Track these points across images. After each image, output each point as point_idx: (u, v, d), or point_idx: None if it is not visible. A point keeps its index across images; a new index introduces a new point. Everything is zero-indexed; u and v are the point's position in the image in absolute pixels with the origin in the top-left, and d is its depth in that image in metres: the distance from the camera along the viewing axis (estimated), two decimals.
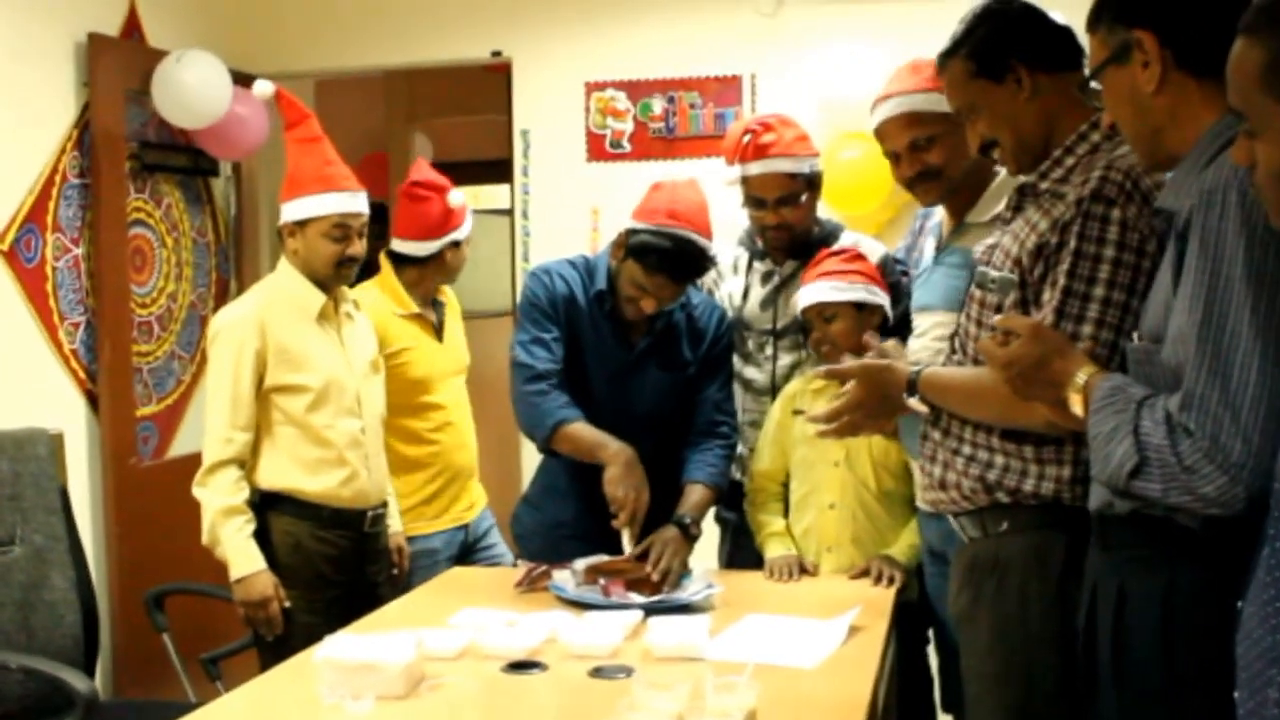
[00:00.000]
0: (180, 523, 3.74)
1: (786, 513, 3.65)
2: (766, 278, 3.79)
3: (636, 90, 5.52)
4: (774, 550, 3.56)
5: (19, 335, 4.41)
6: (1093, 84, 2.25)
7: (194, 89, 4.92)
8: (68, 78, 4.70)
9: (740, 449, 3.74)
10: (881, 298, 3.48)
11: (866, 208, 5.08)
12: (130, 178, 5.01)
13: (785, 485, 3.66)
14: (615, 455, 3.35)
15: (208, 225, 5.56)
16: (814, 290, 3.48)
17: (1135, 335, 2.19)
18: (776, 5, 5.34)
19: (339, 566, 3.67)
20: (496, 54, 5.67)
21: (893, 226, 5.10)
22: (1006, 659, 2.52)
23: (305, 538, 3.61)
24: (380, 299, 4.08)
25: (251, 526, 3.54)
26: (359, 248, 3.66)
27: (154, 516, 4.78)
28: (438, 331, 4.18)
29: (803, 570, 3.50)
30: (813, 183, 3.69)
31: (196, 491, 3.56)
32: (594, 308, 3.56)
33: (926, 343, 3.18)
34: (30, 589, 3.69)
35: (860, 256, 3.53)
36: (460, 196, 4.19)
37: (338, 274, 3.66)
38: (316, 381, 3.61)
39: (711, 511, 3.69)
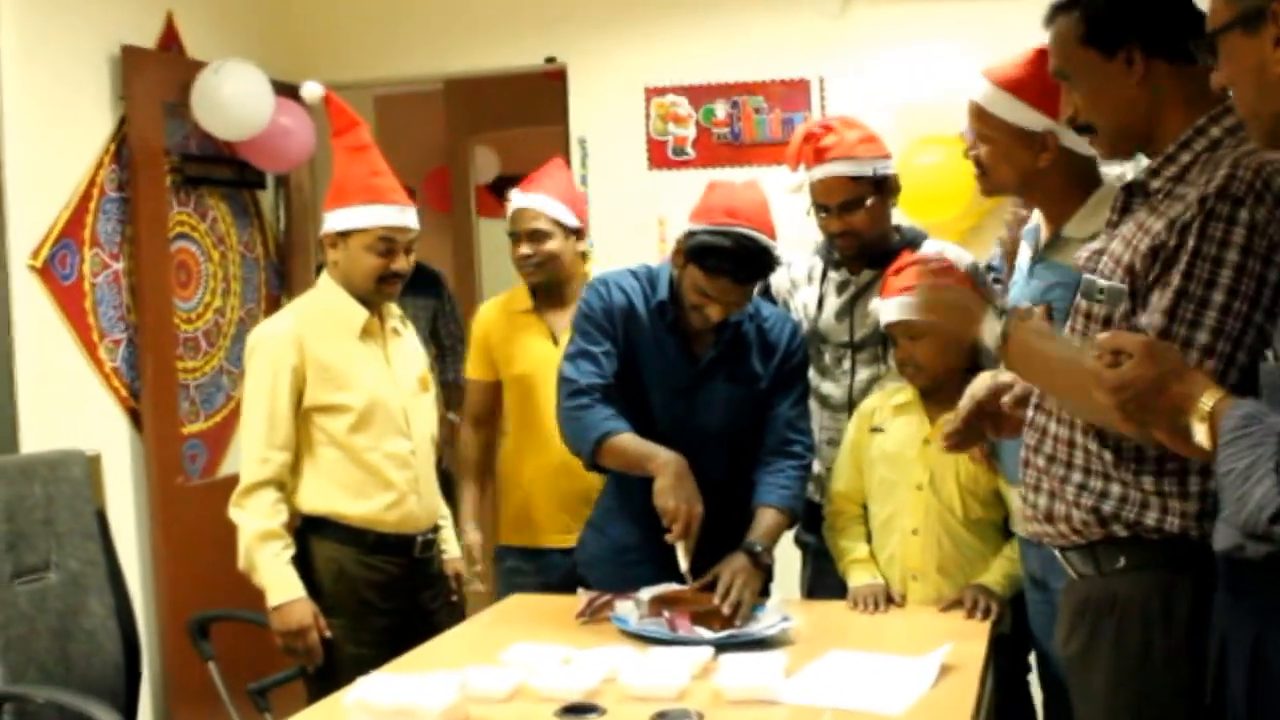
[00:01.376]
0: (228, 545, 3.58)
1: (870, 536, 3.48)
2: (842, 287, 3.65)
3: (698, 95, 5.38)
4: (858, 579, 3.39)
5: (56, 353, 4.32)
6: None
7: (234, 100, 4.84)
8: (103, 91, 4.63)
9: (817, 468, 3.57)
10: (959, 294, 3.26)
11: (945, 215, 4.90)
12: (172, 191, 4.93)
13: (865, 507, 3.50)
14: (664, 465, 3.17)
15: (256, 239, 5.48)
16: (893, 306, 3.32)
17: (1270, 354, 1.96)
18: (843, 5, 5.19)
19: (387, 594, 3.53)
20: (550, 60, 5.56)
21: (975, 235, 4.93)
22: (1125, 711, 2.30)
23: (349, 564, 3.48)
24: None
25: (290, 552, 3.42)
26: (404, 264, 3.54)
27: (201, 538, 4.66)
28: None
29: (889, 600, 3.33)
30: (881, 186, 3.54)
31: (233, 513, 3.45)
32: (655, 319, 3.40)
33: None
34: (67, 617, 3.56)
35: (948, 268, 3.32)
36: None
37: (379, 289, 3.54)
38: (359, 401, 3.48)
39: (790, 534, 3.55)
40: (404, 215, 3.52)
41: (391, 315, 3.64)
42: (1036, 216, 3.10)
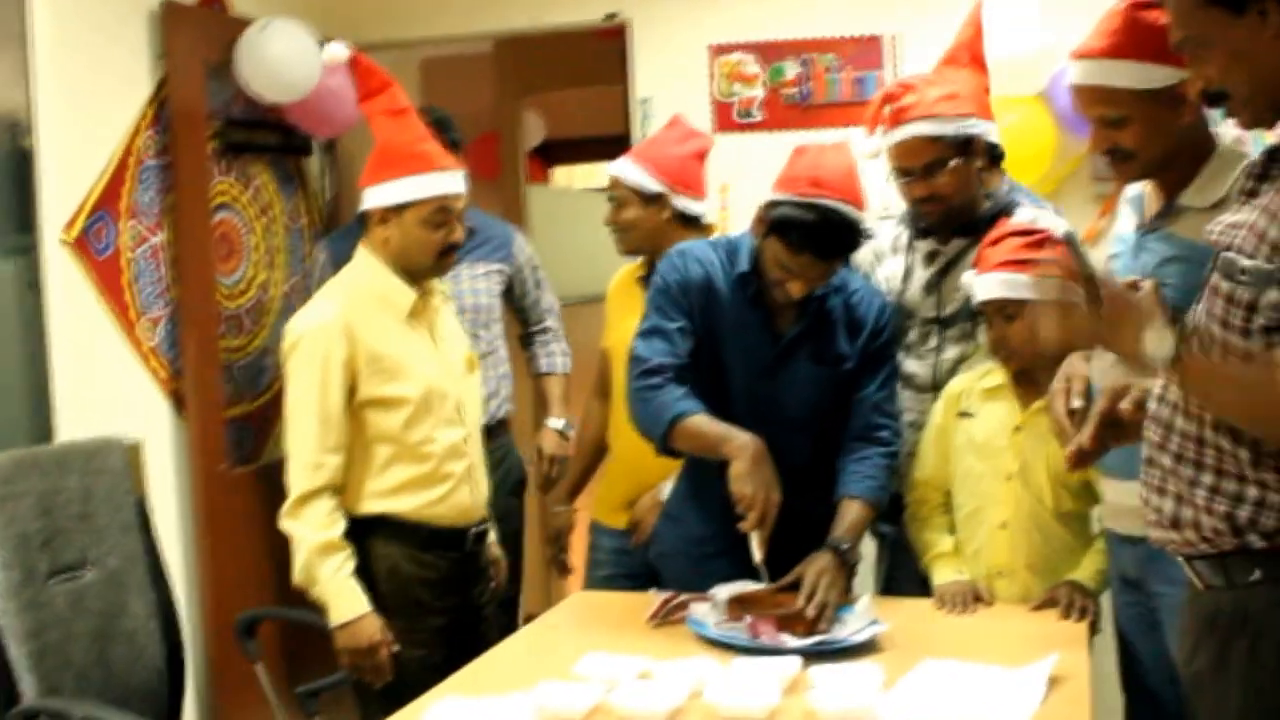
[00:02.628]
0: (275, 536, 3.47)
1: (953, 528, 3.35)
2: (930, 258, 3.51)
3: (767, 53, 5.20)
4: (943, 575, 3.28)
5: (92, 333, 4.21)
6: None
7: (281, 60, 4.69)
8: (140, 51, 4.48)
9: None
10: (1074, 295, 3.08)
11: (1027, 180, 4.68)
12: (214, 158, 4.80)
13: (949, 495, 3.38)
14: (741, 449, 3.04)
15: (301, 208, 5.35)
16: (989, 283, 3.18)
17: None
18: None
19: (440, 592, 3.42)
20: (611, 17, 5.40)
21: (1057, 199, 4.71)
22: None
23: (402, 563, 3.35)
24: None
25: (352, 563, 3.27)
26: (460, 233, 3.39)
27: (247, 529, 4.59)
28: None
29: (977, 598, 3.21)
30: (966, 147, 3.39)
31: (286, 525, 3.29)
32: (736, 293, 3.27)
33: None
34: (107, 618, 3.48)
35: (1048, 240, 3.15)
36: None
37: (439, 265, 3.39)
38: (415, 391, 3.33)
39: None
40: (457, 181, 3.38)
41: (435, 291, 3.49)
42: (1140, 182, 2.93)
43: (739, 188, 5.02)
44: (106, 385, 4.24)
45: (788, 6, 5.15)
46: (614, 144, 5.68)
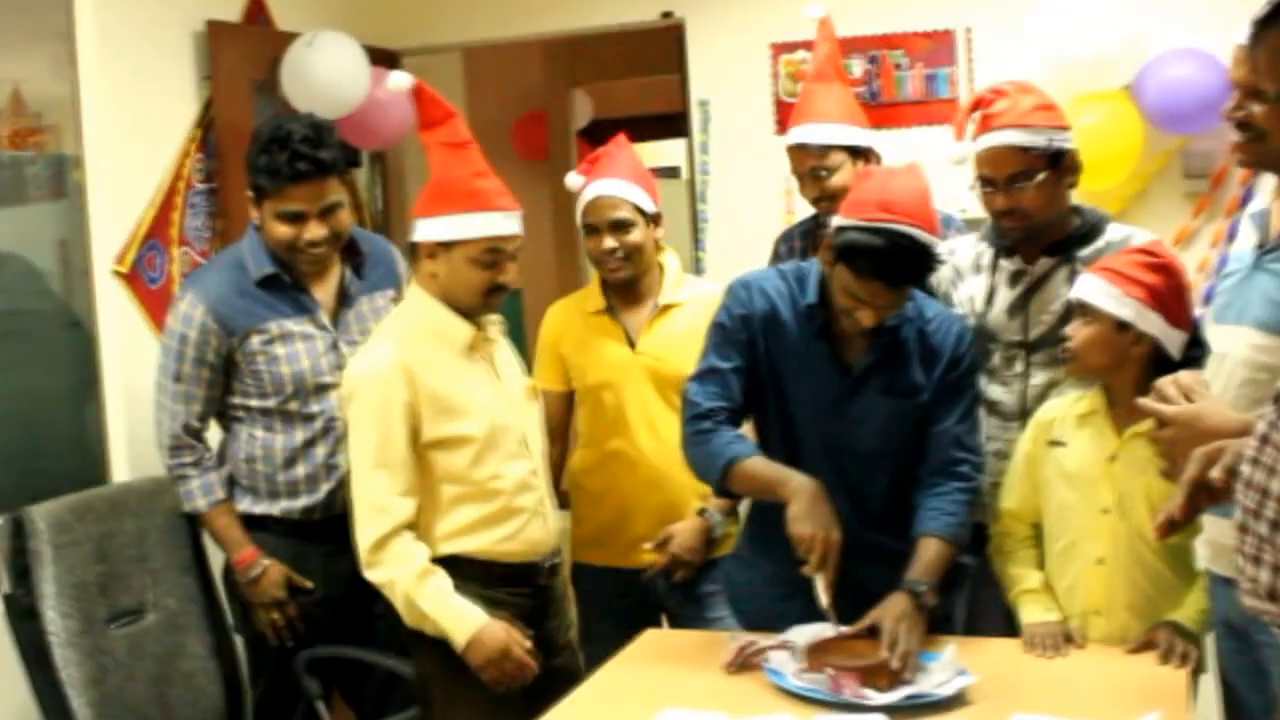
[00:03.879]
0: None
1: (1040, 561, 3.29)
2: (1015, 278, 3.44)
3: None
4: (1032, 614, 3.20)
5: (145, 367, 4.17)
6: None
7: (328, 74, 4.70)
8: (186, 74, 4.52)
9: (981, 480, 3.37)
10: (1156, 328, 3.06)
11: (1109, 182, 4.70)
12: None
13: (1036, 528, 3.31)
14: (796, 491, 3.04)
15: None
16: (1086, 282, 3.12)
17: None
18: None
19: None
20: (667, 15, 5.38)
21: (1140, 201, 4.77)
22: None
23: (475, 600, 3.30)
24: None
25: (450, 581, 3.26)
26: (511, 274, 3.36)
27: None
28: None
29: (1067, 639, 3.13)
30: (1056, 161, 3.33)
31: (371, 576, 3.28)
32: (803, 325, 3.22)
33: (1231, 369, 2.71)
34: (165, 661, 3.53)
35: (1165, 269, 3.10)
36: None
37: (485, 304, 3.37)
38: (479, 428, 3.32)
39: None
40: (510, 222, 3.34)
41: (490, 323, 3.47)
42: (1264, 198, 2.86)
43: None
44: None
45: (850, 2, 5.04)
46: (664, 122, 5.68)
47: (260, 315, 3.63)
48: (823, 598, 2.97)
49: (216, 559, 3.77)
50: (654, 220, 3.83)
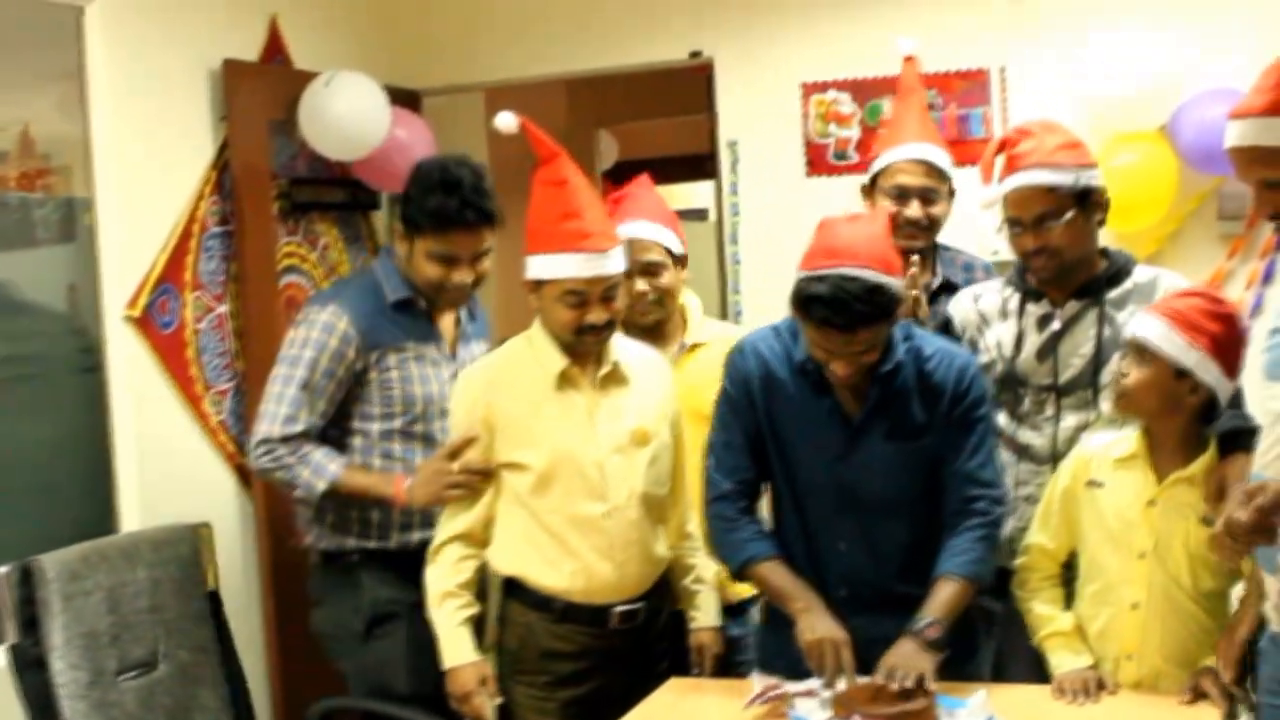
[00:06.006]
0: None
1: (1066, 601, 3.32)
2: (1043, 322, 3.48)
3: (862, 90, 5.22)
4: (1062, 659, 3.22)
5: (157, 413, 4.31)
6: None
7: (348, 115, 4.78)
8: (202, 114, 4.59)
9: (1010, 528, 3.41)
10: (1214, 378, 3.09)
11: (1144, 223, 4.73)
12: (280, 219, 4.90)
13: (1063, 565, 3.34)
14: (804, 609, 3.20)
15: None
16: (1148, 324, 3.12)
17: None
18: None
19: (578, 666, 3.51)
20: (695, 54, 5.44)
21: (1175, 241, 4.79)
22: None
23: (538, 630, 3.52)
24: None
25: (467, 611, 3.51)
26: (600, 314, 3.43)
27: None
28: None
29: (1099, 686, 3.15)
30: (1084, 200, 3.38)
31: (426, 571, 3.55)
32: (799, 381, 3.29)
33: None
34: (177, 714, 3.56)
35: (1228, 319, 3.12)
36: None
37: (579, 341, 3.47)
38: (540, 460, 3.46)
39: None
40: (594, 263, 3.40)
41: (609, 362, 3.54)
42: None
43: None
44: (173, 466, 4.32)
45: (883, 40, 5.05)
46: (691, 164, 5.70)
47: (398, 335, 3.81)
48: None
49: (233, 606, 3.83)
50: (681, 262, 3.90)
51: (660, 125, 7.65)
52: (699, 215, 8.05)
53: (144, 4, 4.33)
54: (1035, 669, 3.29)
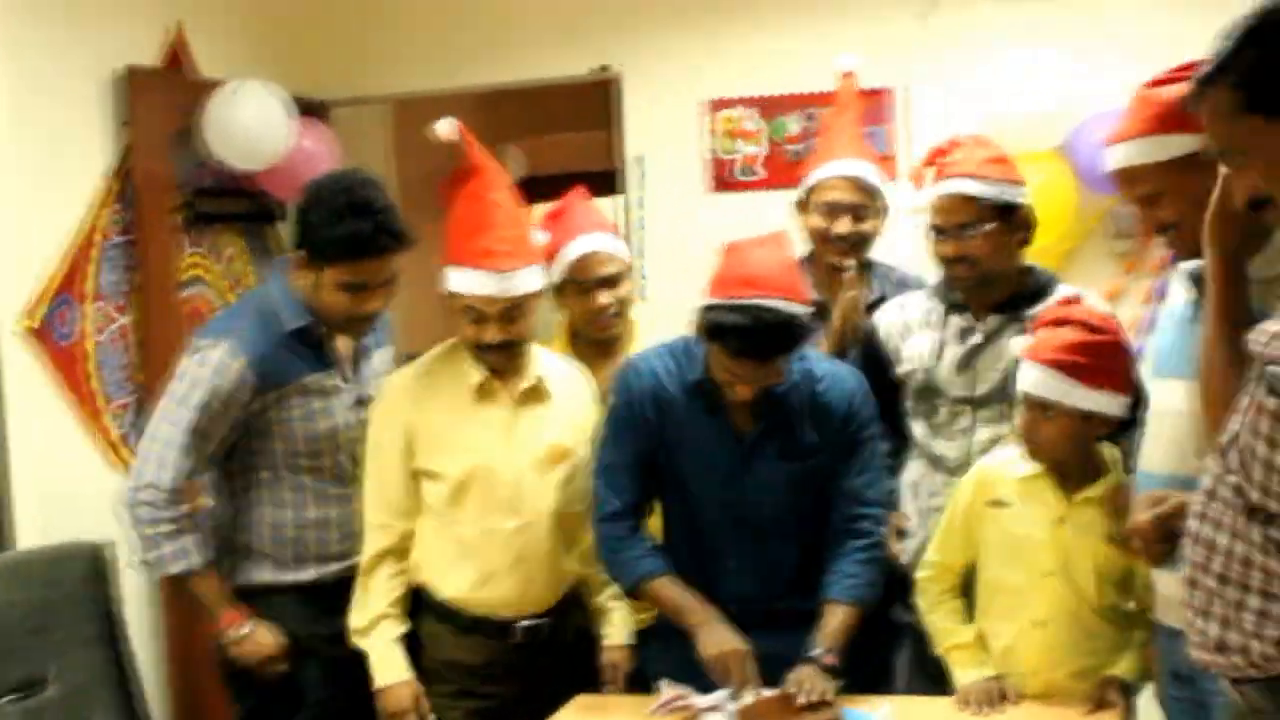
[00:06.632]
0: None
1: (967, 613, 3.32)
2: (964, 334, 3.50)
3: (768, 108, 5.20)
4: (967, 671, 3.21)
5: (53, 428, 4.22)
6: None
7: (253, 124, 4.70)
8: (102, 120, 4.49)
9: (924, 536, 3.43)
10: (1120, 405, 3.08)
11: (1043, 241, 4.63)
12: (183, 230, 4.81)
13: (962, 577, 3.33)
14: (700, 623, 3.22)
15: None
16: (1039, 377, 3.07)
17: None
18: (931, 5, 4.99)
19: (483, 678, 3.49)
20: (602, 69, 5.40)
21: (1074, 259, 4.83)
22: None
23: (446, 641, 3.49)
24: None
25: (398, 629, 3.45)
26: (495, 333, 3.39)
27: None
28: None
29: (1003, 696, 3.15)
30: (1007, 214, 3.42)
31: (355, 591, 3.49)
32: (692, 400, 3.30)
33: (1174, 422, 2.76)
34: None
35: (1116, 347, 3.11)
36: None
37: (479, 358, 3.45)
38: (456, 470, 3.42)
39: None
40: (493, 283, 3.36)
41: (529, 377, 3.50)
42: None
43: None
44: (72, 482, 4.21)
45: (789, 59, 5.13)
46: (596, 179, 5.64)
47: (296, 368, 3.50)
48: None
49: (134, 628, 3.72)
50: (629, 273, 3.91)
51: (568, 140, 7.61)
52: None
53: (42, 9, 4.22)
54: (936, 677, 3.29)
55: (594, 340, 3.82)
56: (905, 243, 3.68)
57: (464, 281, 3.36)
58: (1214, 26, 2.29)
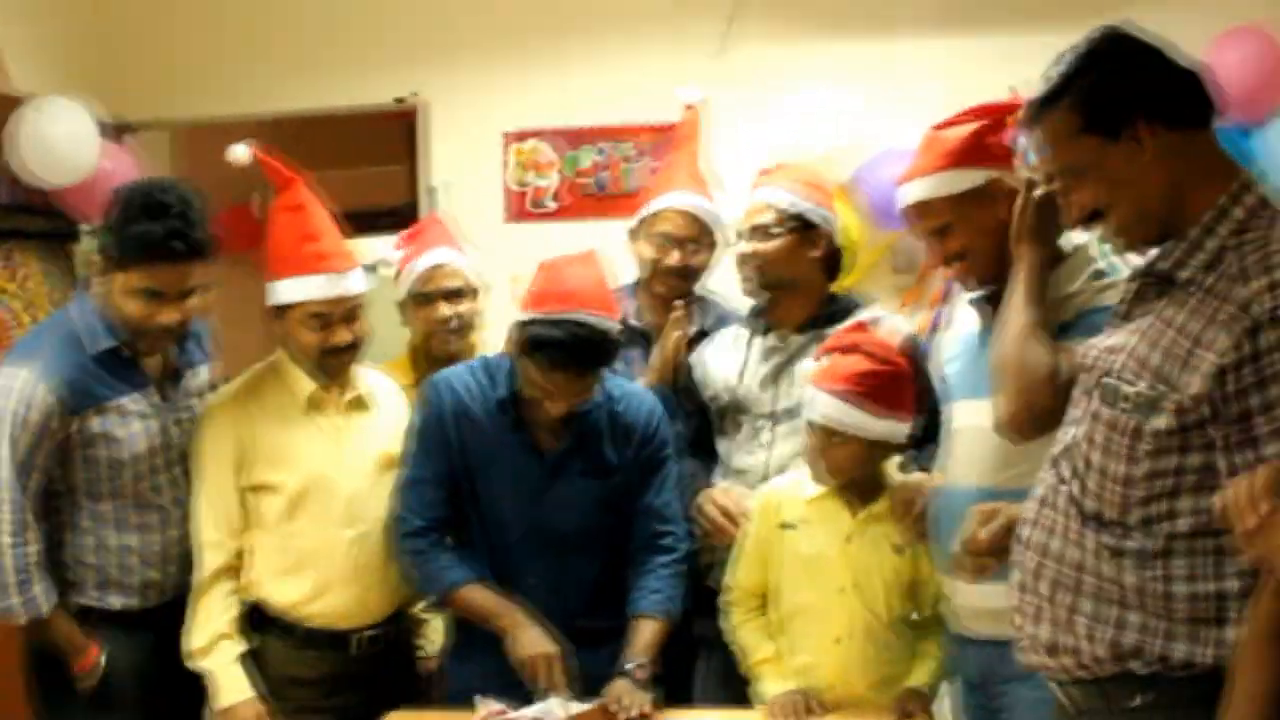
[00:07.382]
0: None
1: (770, 630, 3.34)
2: (769, 353, 3.57)
3: (564, 141, 5.24)
4: (771, 686, 3.23)
5: None
6: None
7: (59, 142, 4.61)
8: None
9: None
10: (906, 430, 3.15)
11: None
12: None
13: (764, 597, 3.34)
14: (512, 624, 3.21)
15: (70, 299, 5.07)
16: (827, 405, 3.12)
17: None
18: (723, 42, 5.08)
19: (323, 692, 3.41)
20: (401, 100, 5.37)
21: (860, 290, 4.77)
22: None
23: (283, 654, 3.39)
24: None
25: (239, 648, 3.33)
26: (344, 334, 3.37)
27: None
28: None
29: (808, 710, 3.18)
30: (806, 231, 3.52)
31: (191, 605, 3.35)
32: (496, 418, 3.31)
33: (974, 437, 2.86)
34: None
35: (900, 376, 3.15)
36: None
37: (324, 364, 3.39)
38: (293, 482, 3.35)
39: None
40: (335, 284, 3.34)
41: (355, 387, 3.47)
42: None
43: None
44: None
45: (588, 93, 5.17)
46: (387, 215, 5.62)
47: (103, 392, 3.28)
48: (572, 709, 3.04)
49: None
50: (476, 294, 3.90)
51: (363, 175, 7.53)
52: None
53: None
54: (736, 687, 3.33)
55: (436, 359, 3.80)
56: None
57: (304, 289, 3.32)
58: (992, 75, 2.45)
